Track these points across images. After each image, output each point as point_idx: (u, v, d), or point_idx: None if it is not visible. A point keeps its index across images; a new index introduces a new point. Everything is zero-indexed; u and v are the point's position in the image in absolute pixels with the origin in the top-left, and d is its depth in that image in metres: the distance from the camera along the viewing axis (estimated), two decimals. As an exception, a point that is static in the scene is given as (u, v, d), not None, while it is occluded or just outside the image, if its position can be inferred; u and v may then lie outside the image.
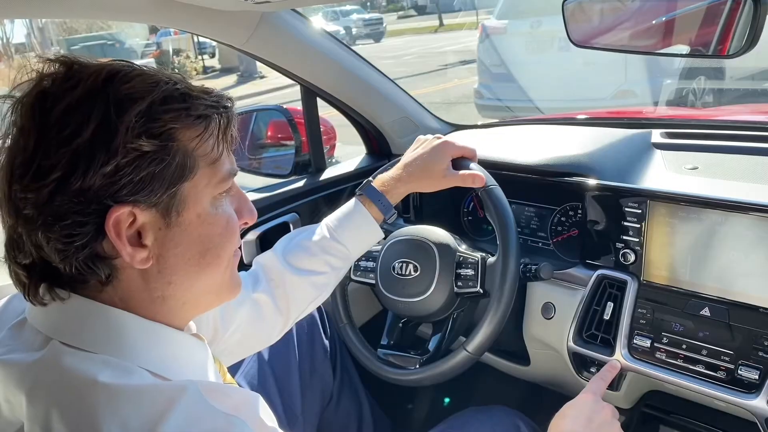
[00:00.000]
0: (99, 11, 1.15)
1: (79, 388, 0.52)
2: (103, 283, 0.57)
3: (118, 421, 0.49)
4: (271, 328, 0.98)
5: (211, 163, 0.60)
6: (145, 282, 0.58)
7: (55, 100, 0.54)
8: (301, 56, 1.41)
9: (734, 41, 0.91)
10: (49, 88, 0.55)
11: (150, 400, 0.52)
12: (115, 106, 0.53)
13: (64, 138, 0.52)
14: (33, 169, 0.53)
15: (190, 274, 0.61)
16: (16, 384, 0.54)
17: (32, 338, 0.58)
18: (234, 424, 0.54)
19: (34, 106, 0.54)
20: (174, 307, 0.62)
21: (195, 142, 0.58)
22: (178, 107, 0.57)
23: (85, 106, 0.53)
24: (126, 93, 0.55)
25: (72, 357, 0.54)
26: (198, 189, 0.59)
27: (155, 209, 0.56)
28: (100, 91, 0.54)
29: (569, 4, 1.05)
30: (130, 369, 0.54)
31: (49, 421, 0.51)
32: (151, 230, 0.57)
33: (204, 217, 0.60)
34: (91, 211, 0.54)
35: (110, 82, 0.55)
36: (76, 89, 0.54)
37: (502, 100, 5.87)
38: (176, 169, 0.56)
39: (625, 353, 1.10)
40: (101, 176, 0.53)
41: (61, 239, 0.53)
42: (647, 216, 1.10)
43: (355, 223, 1.04)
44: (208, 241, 0.61)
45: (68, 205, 0.53)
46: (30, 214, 0.53)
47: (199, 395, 0.54)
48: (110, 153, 0.53)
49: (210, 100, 0.60)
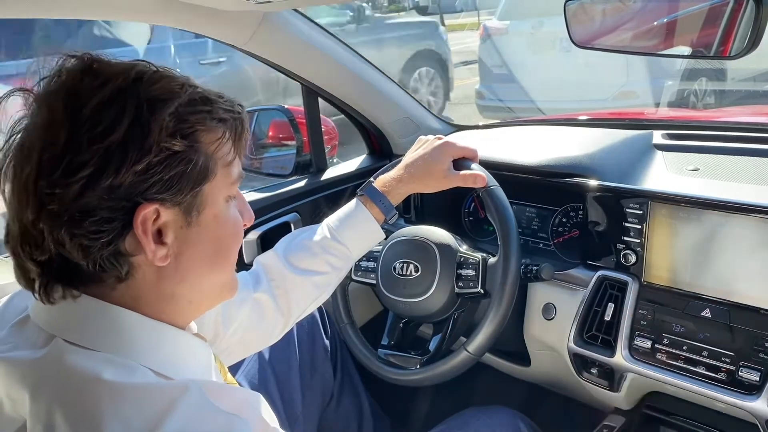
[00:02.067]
0: (100, 11, 1.15)
1: (82, 386, 0.52)
2: (120, 280, 0.57)
3: (120, 420, 0.50)
4: (272, 328, 0.98)
5: (226, 165, 0.62)
6: (159, 280, 0.59)
7: (86, 96, 0.54)
8: (302, 56, 1.41)
9: (736, 42, 0.91)
10: (78, 84, 0.55)
11: (152, 398, 0.52)
12: (147, 105, 0.55)
13: (97, 135, 0.53)
14: (63, 165, 0.53)
15: (202, 273, 0.62)
16: (18, 381, 0.54)
17: (35, 336, 0.58)
18: (235, 423, 0.54)
19: (63, 101, 0.54)
20: (180, 306, 0.62)
21: (215, 145, 0.60)
22: (202, 110, 0.58)
23: (116, 105, 0.54)
24: (155, 94, 0.56)
25: (75, 355, 0.54)
26: (216, 190, 0.61)
27: (178, 208, 0.58)
28: (130, 91, 0.55)
29: (571, 5, 1.05)
30: (133, 367, 0.55)
31: (52, 418, 0.51)
32: (173, 229, 0.58)
33: (219, 218, 0.62)
34: (120, 208, 0.54)
35: (139, 82, 0.56)
36: (106, 87, 0.55)
37: (504, 101, 5.86)
38: (201, 170, 0.58)
39: (625, 354, 1.10)
40: (133, 174, 0.53)
41: (88, 235, 0.54)
42: (648, 217, 1.10)
43: (356, 223, 1.04)
44: (221, 242, 0.63)
45: (97, 201, 0.53)
46: (56, 209, 0.53)
47: (201, 394, 0.54)
48: (143, 151, 0.54)
49: (226, 105, 0.61)
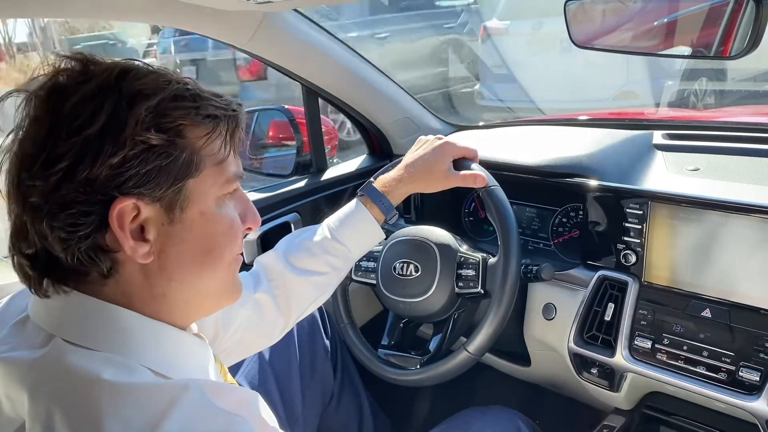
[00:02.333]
0: (101, 11, 1.15)
1: (81, 386, 0.52)
2: (104, 276, 0.57)
3: (120, 419, 0.50)
4: (272, 328, 0.98)
5: (218, 163, 0.61)
6: (146, 278, 0.59)
7: (69, 93, 0.55)
8: (302, 56, 1.41)
9: (736, 42, 0.91)
10: (64, 82, 0.56)
11: (152, 398, 0.52)
12: (127, 100, 0.55)
13: (75, 128, 0.54)
14: (42, 157, 0.54)
15: (192, 273, 0.61)
16: (18, 381, 0.54)
17: (34, 336, 0.58)
18: (235, 422, 0.54)
19: (48, 98, 0.55)
20: (175, 306, 0.62)
21: (202, 141, 0.59)
22: (187, 105, 0.58)
23: (97, 100, 0.55)
24: (138, 89, 0.56)
25: (75, 355, 0.54)
26: (203, 187, 0.60)
27: (159, 204, 0.57)
28: (113, 86, 0.55)
29: (571, 5, 1.05)
30: (132, 367, 0.55)
31: (52, 419, 0.51)
32: (154, 225, 0.57)
33: (208, 216, 0.61)
34: (96, 201, 0.54)
35: (123, 78, 0.56)
36: (90, 83, 0.55)
37: (504, 101, 5.86)
38: (182, 165, 0.57)
39: (625, 354, 1.10)
40: (108, 167, 0.54)
41: (65, 228, 0.54)
42: (648, 217, 1.10)
43: (357, 223, 1.04)
44: (211, 241, 0.62)
45: (74, 194, 0.54)
46: (36, 202, 0.54)
47: (201, 393, 0.54)
48: (118, 144, 0.54)
49: (220, 102, 0.61)
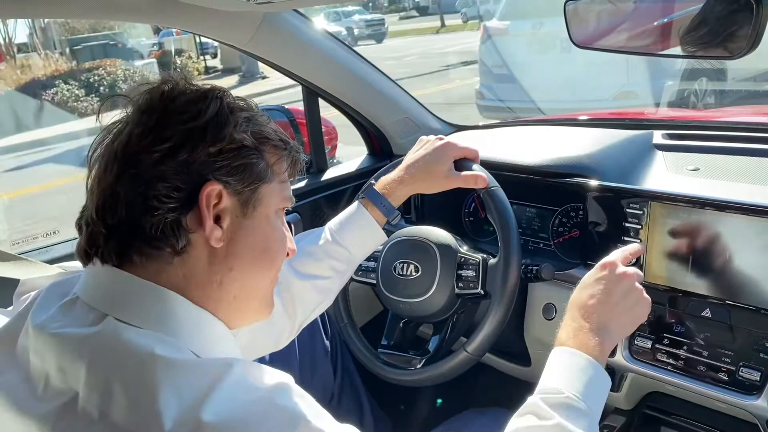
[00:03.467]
0: (101, 11, 1.15)
1: (138, 358, 0.56)
2: (175, 253, 0.63)
3: (173, 390, 0.54)
4: (279, 332, 1.00)
5: (282, 181, 0.71)
6: (210, 263, 0.65)
7: (180, 93, 0.66)
8: (302, 57, 1.42)
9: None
10: (172, 90, 0.66)
11: (201, 372, 0.57)
12: (228, 107, 0.66)
13: (183, 119, 0.63)
14: (151, 137, 0.62)
15: (250, 267, 0.68)
16: (73, 354, 0.59)
17: (84, 315, 0.62)
18: (275, 395, 0.57)
19: (161, 95, 0.65)
20: (224, 299, 0.67)
21: (275, 158, 0.70)
22: (269, 127, 0.70)
23: (202, 102, 0.65)
24: (235, 102, 0.68)
25: (129, 331, 0.59)
26: (270, 196, 0.69)
27: (237, 198, 0.66)
28: (216, 96, 0.66)
29: (571, 5, 1.05)
30: (179, 347, 0.60)
31: (110, 388, 0.55)
32: (230, 215, 0.65)
33: (270, 221, 0.70)
34: (190, 181, 0.62)
35: (223, 93, 0.68)
36: (197, 91, 0.67)
37: (504, 101, 5.87)
38: (261, 170, 0.67)
39: (626, 354, 1.10)
40: (206, 154, 0.63)
41: (159, 197, 0.61)
42: (648, 217, 1.10)
43: (358, 226, 1.04)
44: (270, 243, 0.70)
45: (172, 171, 0.62)
46: (135, 172, 0.62)
47: (244, 370, 0.58)
48: (218, 138, 0.64)
49: (284, 136, 0.72)
